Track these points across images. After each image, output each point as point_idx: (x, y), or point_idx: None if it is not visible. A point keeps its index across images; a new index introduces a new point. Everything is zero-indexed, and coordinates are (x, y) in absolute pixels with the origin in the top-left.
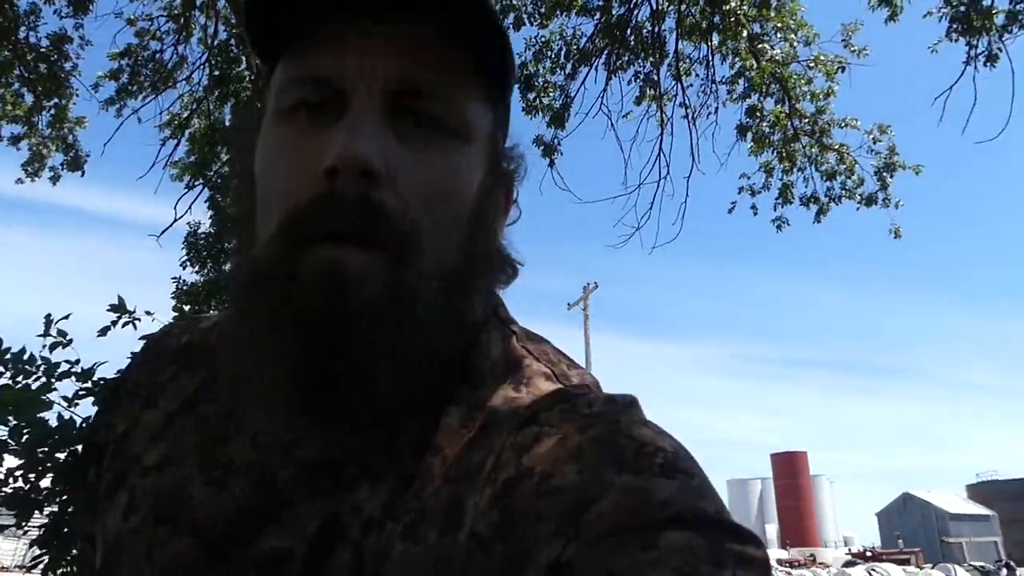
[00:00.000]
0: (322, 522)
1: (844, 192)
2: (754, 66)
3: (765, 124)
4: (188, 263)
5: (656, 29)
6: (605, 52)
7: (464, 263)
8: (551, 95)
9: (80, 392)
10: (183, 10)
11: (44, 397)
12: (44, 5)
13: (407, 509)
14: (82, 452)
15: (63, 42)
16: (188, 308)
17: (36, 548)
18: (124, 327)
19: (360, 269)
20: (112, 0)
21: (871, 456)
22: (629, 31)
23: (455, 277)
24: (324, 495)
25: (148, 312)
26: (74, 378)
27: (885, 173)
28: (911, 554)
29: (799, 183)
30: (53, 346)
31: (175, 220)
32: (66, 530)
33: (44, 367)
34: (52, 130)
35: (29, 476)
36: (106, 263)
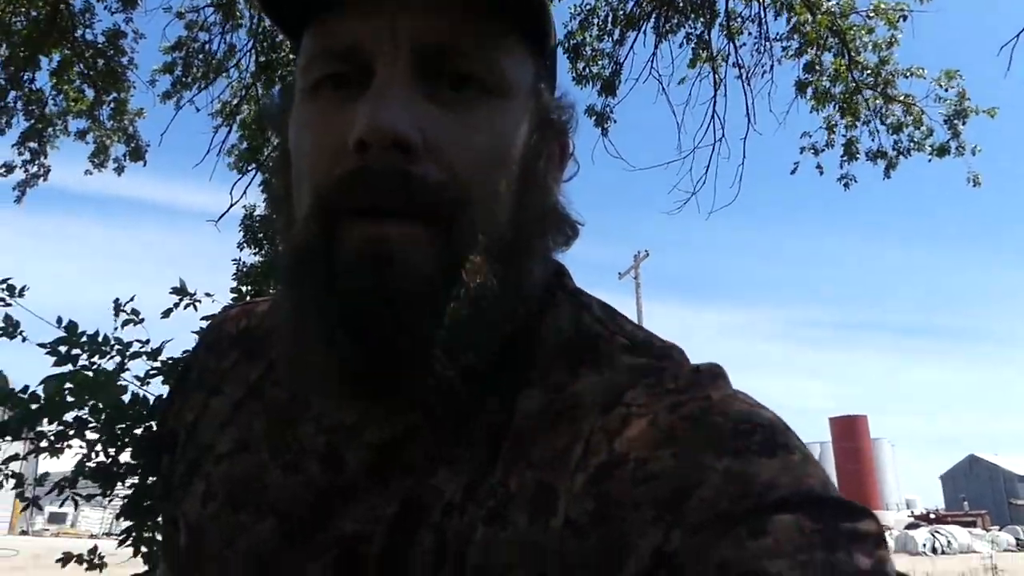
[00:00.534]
0: (401, 504)
1: (912, 144)
2: (809, 20)
3: (825, 78)
4: (246, 244)
5: None
6: (653, 15)
7: (517, 227)
8: (600, 63)
9: (151, 372)
10: None
11: (118, 380)
12: (96, 3)
13: (490, 494)
14: (155, 439)
15: (118, 37)
16: (248, 288)
17: (122, 519)
18: (186, 308)
19: (404, 242)
20: None
21: (934, 420)
22: None
23: (508, 243)
24: (398, 478)
25: (208, 294)
26: (145, 357)
27: (956, 120)
28: (977, 516)
29: (864, 138)
30: (125, 323)
31: (231, 205)
32: (147, 503)
33: (117, 347)
34: (114, 122)
35: (109, 451)
36: (165, 249)
